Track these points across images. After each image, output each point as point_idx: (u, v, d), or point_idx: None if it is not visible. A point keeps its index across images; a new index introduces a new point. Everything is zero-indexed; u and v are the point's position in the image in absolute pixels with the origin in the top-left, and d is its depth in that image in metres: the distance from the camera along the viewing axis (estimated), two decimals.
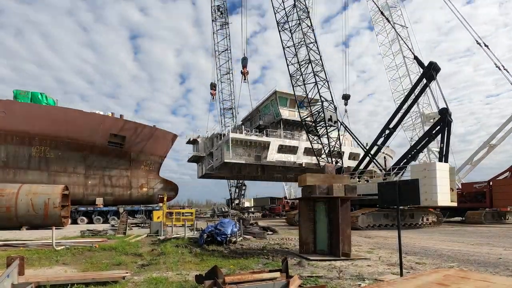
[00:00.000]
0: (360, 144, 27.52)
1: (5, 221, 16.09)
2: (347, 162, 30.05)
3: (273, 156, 27.25)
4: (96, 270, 5.95)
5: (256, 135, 28.73)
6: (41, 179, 22.39)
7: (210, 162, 30.65)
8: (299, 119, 22.36)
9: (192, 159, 35.96)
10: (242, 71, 34.75)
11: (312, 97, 22.10)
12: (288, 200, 45.48)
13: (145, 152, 27.99)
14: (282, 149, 28.16)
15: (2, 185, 17.58)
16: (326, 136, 22.62)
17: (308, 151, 22.88)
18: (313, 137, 23.38)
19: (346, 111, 35.30)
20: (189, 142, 35.88)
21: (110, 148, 25.50)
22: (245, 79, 34.90)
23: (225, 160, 26.41)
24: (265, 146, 27.72)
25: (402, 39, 30.53)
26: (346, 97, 35.58)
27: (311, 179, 8.18)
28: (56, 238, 9.23)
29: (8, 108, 20.97)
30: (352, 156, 31.66)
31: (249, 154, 27.57)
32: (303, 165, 21.70)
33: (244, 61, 34.61)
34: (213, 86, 37.83)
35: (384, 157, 29.10)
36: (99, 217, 23.08)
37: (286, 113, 29.12)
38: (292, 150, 27.91)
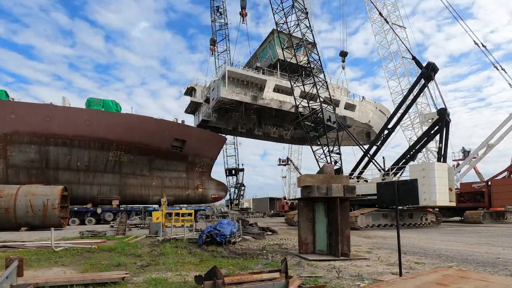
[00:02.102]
0: (359, 145, 27.62)
1: (4, 222, 16.04)
2: (344, 112, 31.54)
3: (269, 94, 27.86)
4: (95, 271, 5.93)
5: (253, 71, 29.19)
6: (114, 181, 24.61)
7: (207, 108, 31.21)
8: (295, 61, 22.23)
9: (190, 109, 36.47)
10: (241, 12, 34.36)
11: (310, 91, 22.10)
12: (288, 201, 45.60)
13: (200, 154, 29.66)
14: (278, 90, 28.85)
15: (0, 186, 17.55)
16: (325, 136, 22.65)
17: (303, 96, 22.93)
18: (311, 138, 23.42)
19: (343, 67, 35.80)
20: (187, 92, 36.55)
21: (172, 152, 27.19)
22: (243, 21, 34.67)
23: (221, 96, 26.62)
24: (262, 87, 28.41)
25: (401, 40, 30.58)
26: (343, 54, 35.64)
27: (310, 179, 8.19)
28: (55, 239, 9.22)
29: (92, 116, 23.04)
30: (348, 107, 32.62)
31: (245, 93, 28.21)
32: (299, 108, 21.52)
33: (243, 2, 34.20)
34: (212, 42, 37.72)
35: (383, 157, 29.56)
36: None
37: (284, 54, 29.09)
38: (288, 92, 27.66)
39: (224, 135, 33.70)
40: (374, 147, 24.24)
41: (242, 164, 43.54)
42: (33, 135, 21.58)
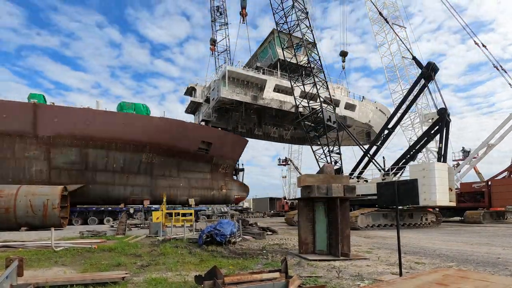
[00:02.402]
0: (359, 144, 27.64)
1: (4, 222, 16.04)
2: (344, 112, 31.77)
3: (269, 94, 28.12)
4: (95, 271, 5.94)
5: (254, 71, 29.38)
6: (146, 182, 25.63)
7: (208, 108, 31.51)
8: (295, 61, 22.30)
9: (190, 109, 36.74)
10: (241, 12, 34.33)
11: (310, 90, 22.09)
12: (288, 201, 45.60)
13: (224, 156, 30.30)
14: (278, 90, 29.11)
15: (0, 186, 17.55)
16: (325, 136, 22.65)
17: (303, 96, 23.02)
18: (311, 137, 23.41)
19: (343, 67, 35.84)
20: (187, 92, 36.78)
21: (199, 154, 27.98)
22: (243, 21, 34.65)
23: (222, 96, 26.94)
24: (262, 87, 28.68)
25: (401, 40, 30.59)
26: (344, 54, 35.65)
27: (310, 179, 8.19)
28: (55, 239, 9.22)
29: (127, 120, 24.08)
30: (348, 107, 32.81)
31: (246, 93, 28.54)
32: (299, 108, 21.64)
33: (244, 2, 34.17)
34: (212, 42, 37.72)
35: (384, 157, 29.64)
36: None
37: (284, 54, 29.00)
38: (289, 92, 27.72)
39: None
40: (374, 147, 24.24)
41: (243, 164, 43.59)
42: (74, 138, 22.52)
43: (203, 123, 30.97)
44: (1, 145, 20.90)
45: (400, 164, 21.61)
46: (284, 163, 61.27)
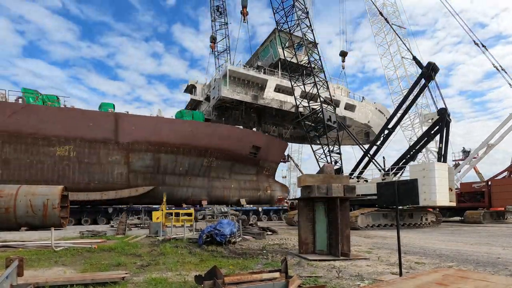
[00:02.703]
0: (359, 144, 27.67)
1: (4, 222, 16.02)
2: (344, 112, 32.15)
3: (270, 94, 28.65)
4: (95, 271, 5.93)
5: (254, 71, 29.76)
6: (204, 184, 27.69)
7: (208, 106, 31.97)
8: (296, 61, 22.41)
9: (190, 107, 36.79)
10: (242, 11, 34.19)
11: (310, 90, 22.09)
12: (288, 200, 45.54)
13: (268, 159, 31.84)
14: (279, 90, 29.54)
15: (0, 186, 17.53)
16: (325, 136, 22.65)
17: (304, 96, 23.21)
18: (312, 137, 23.42)
19: (343, 67, 35.89)
20: (186, 90, 36.92)
21: (248, 158, 29.54)
22: (244, 20, 34.53)
23: (222, 95, 27.34)
24: (263, 86, 29.16)
25: (401, 39, 30.59)
26: (343, 54, 35.65)
27: (310, 179, 8.20)
28: (55, 239, 9.21)
29: (193, 126, 26.31)
30: (348, 107, 33.15)
31: (246, 92, 29.00)
32: (300, 108, 21.90)
33: (244, 1, 34.05)
34: (212, 39, 37.67)
35: (384, 157, 29.73)
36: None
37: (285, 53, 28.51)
38: (289, 91, 27.98)
39: None
40: (374, 147, 24.24)
41: None
42: (149, 144, 24.53)
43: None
44: (89, 151, 22.95)
45: (400, 164, 21.62)
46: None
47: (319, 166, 22.51)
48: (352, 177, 23.44)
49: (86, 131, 22.70)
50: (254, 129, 31.86)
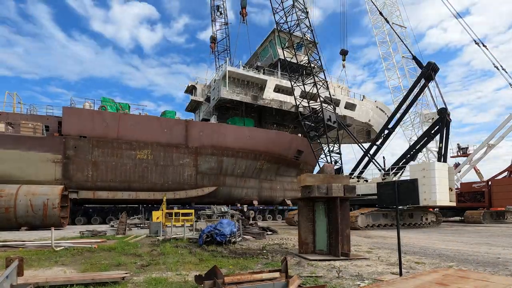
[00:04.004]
0: (359, 144, 27.70)
1: (4, 222, 16.03)
2: (344, 111, 32.61)
3: (269, 94, 29.15)
4: (95, 271, 5.93)
5: (254, 71, 30.16)
6: (255, 185, 29.63)
7: (208, 107, 32.50)
8: (296, 61, 22.54)
9: (190, 107, 37.37)
10: (241, 12, 34.37)
11: (310, 90, 22.08)
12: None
13: (307, 162, 33.03)
14: (279, 90, 29.95)
15: (1, 186, 17.54)
16: (325, 136, 22.63)
17: (303, 96, 23.71)
18: (311, 137, 23.41)
19: (344, 66, 35.97)
20: (187, 90, 37.28)
21: (292, 161, 31.41)
22: (243, 20, 34.68)
23: (222, 96, 27.99)
24: (262, 86, 29.63)
25: (401, 40, 30.57)
26: (344, 53, 35.68)
27: (310, 179, 8.19)
28: (55, 238, 9.21)
29: (251, 132, 28.29)
30: (348, 106, 33.55)
31: (246, 93, 29.63)
32: (300, 108, 22.25)
33: (244, 2, 34.24)
34: (212, 40, 37.67)
35: (384, 157, 29.84)
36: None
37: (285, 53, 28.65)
38: (289, 91, 28.57)
39: None
40: (374, 147, 24.23)
41: None
42: (214, 148, 26.69)
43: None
44: (164, 154, 25.10)
45: (400, 164, 21.61)
46: None
47: (319, 166, 22.52)
48: (352, 177, 23.44)
49: (162, 136, 24.97)
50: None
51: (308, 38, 22.76)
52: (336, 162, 23.24)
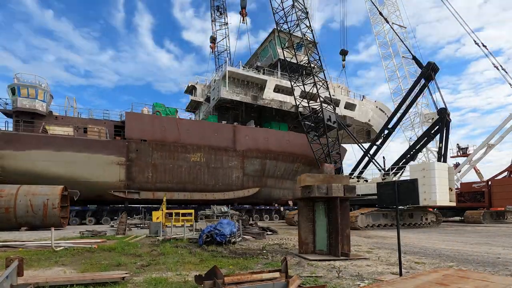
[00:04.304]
0: (359, 144, 27.74)
1: (4, 222, 16.03)
2: (344, 111, 32.86)
3: (269, 94, 29.51)
4: (95, 271, 5.93)
5: (254, 72, 30.39)
6: (290, 186, 30.31)
7: (208, 107, 32.71)
8: (295, 61, 22.63)
9: (190, 107, 37.53)
10: (241, 12, 34.46)
11: (310, 90, 22.10)
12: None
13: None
14: (279, 90, 30.22)
15: (1, 186, 17.54)
16: (325, 136, 22.63)
17: (303, 96, 24.13)
18: (312, 137, 23.42)
19: (344, 66, 36.01)
20: (187, 91, 37.46)
21: (320, 163, 31.85)
22: (243, 21, 34.78)
23: (222, 96, 28.25)
24: (262, 86, 29.90)
25: (401, 40, 30.58)
26: (344, 53, 35.66)
27: (310, 179, 8.19)
28: (55, 239, 9.21)
29: (291, 137, 29.44)
30: (348, 106, 33.76)
31: (246, 93, 29.91)
32: (300, 108, 22.55)
33: (243, 2, 34.35)
34: (212, 40, 37.68)
35: (384, 157, 29.89)
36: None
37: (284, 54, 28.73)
38: (289, 91, 28.82)
39: None
40: (374, 147, 24.24)
41: None
42: (258, 151, 28.20)
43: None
44: (215, 157, 26.60)
45: (400, 164, 21.62)
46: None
47: (319, 166, 22.50)
48: (352, 177, 23.44)
49: (213, 140, 26.54)
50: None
51: (308, 38, 22.73)
52: (336, 162, 23.24)
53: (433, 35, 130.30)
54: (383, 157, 31.94)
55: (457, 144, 39.13)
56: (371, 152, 24.26)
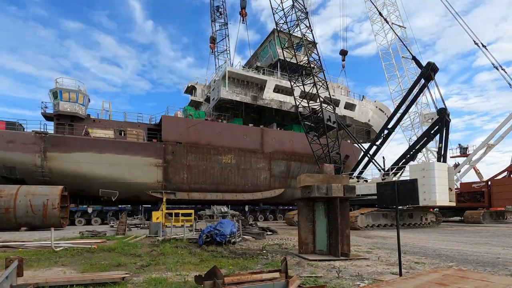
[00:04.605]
0: (359, 144, 27.74)
1: (4, 222, 16.02)
2: (344, 112, 33.11)
3: (269, 94, 29.75)
4: (95, 271, 5.93)
5: (254, 72, 30.53)
6: None
7: (208, 107, 32.85)
8: (295, 61, 22.73)
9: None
10: (241, 12, 34.45)
11: (310, 91, 22.11)
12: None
13: (349, 166, 34.17)
14: (278, 90, 30.40)
15: (1, 186, 17.54)
16: (324, 136, 22.62)
17: (303, 96, 24.49)
18: (311, 137, 23.41)
19: (343, 66, 36.08)
20: (187, 91, 37.60)
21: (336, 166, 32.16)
22: (243, 21, 34.76)
23: (222, 96, 28.42)
24: (262, 87, 30.09)
25: (401, 40, 30.59)
26: (344, 53, 35.70)
27: (310, 179, 8.19)
28: (55, 239, 9.21)
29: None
30: (348, 106, 33.97)
31: (246, 93, 30.05)
32: (299, 108, 22.80)
33: (243, 2, 34.36)
34: (212, 40, 37.70)
35: (383, 157, 29.88)
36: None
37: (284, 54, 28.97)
38: (289, 92, 29.17)
39: None
40: (374, 147, 24.24)
41: None
42: (284, 153, 29.01)
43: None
44: (244, 159, 27.62)
45: (400, 164, 21.62)
46: None
47: (319, 166, 22.46)
48: (352, 177, 23.44)
49: (242, 142, 27.54)
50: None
51: (308, 39, 22.72)
52: (336, 162, 23.23)
53: (455, 46, 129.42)
54: (383, 157, 31.98)
55: (459, 144, 39.15)
56: (371, 152, 24.26)
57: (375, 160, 23.99)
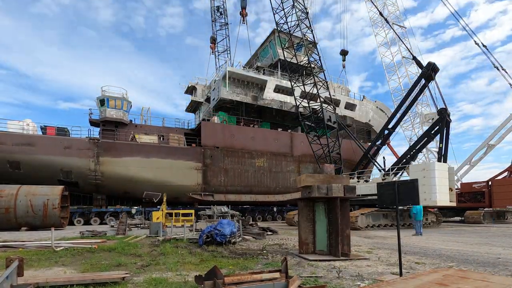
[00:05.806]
0: (359, 144, 27.74)
1: (4, 222, 16.03)
2: (344, 112, 33.42)
3: (269, 94, 30.07)
4: (95, 271, 5.94)
5: (254, 72, 30.80)
6: None
7: (208, 107, 33.11)
8: (296, 61, 22.85)
9: (190, 108, 37.94)
10: (241, 12, 34.50)
11: (310, 91, 22.12)
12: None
13: (365, 166, 34.82)
14: (279, 90, 30.65)
15: (1, 186, 17.55)
16: (325, 136, 22.62)
17: (304, 96, 24.97)
18: (312, 137, 23.41)
19: (344, 66, 36.13)
20: (187, 91, 37.78)
21: (353, 164, 33.42)
22: (243, 21, 34.80)
23: (222, 96, 28.81)
24: (262, 87, 30.40)
25: (401, 40, 30.58)
26: (344, 53, 35.67)
27: (310, 179, 8.19)
28: (55, 239, 9.21)
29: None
30: (348, 106, 34.13)
31: (246, 93, 30.51)
32: (300, 109, 23.02)
33: (244, 2, 34.43)
34: (213, 40, 37.74)
35: (384, 157, 29.88)
36: None
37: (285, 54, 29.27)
38: (289, 92, 29.44)
39: None
40: (374, 147, 24.23)
41: None
42: (311, 156, 28.36)
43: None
44: (275, 162, 28.91)
45: (400, 164, 21.61)
46: None
47: (319, 167, 22.45)
48: (352, 177, 23.43)
49: (273, 146, 28.87)
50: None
51: (308, 39, 22.72)
52: (336, 162, 23.23)
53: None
54: (383, 158, 32.01)
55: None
56: (371, 152, 24.26)
57: (375, 160, 23.98)
